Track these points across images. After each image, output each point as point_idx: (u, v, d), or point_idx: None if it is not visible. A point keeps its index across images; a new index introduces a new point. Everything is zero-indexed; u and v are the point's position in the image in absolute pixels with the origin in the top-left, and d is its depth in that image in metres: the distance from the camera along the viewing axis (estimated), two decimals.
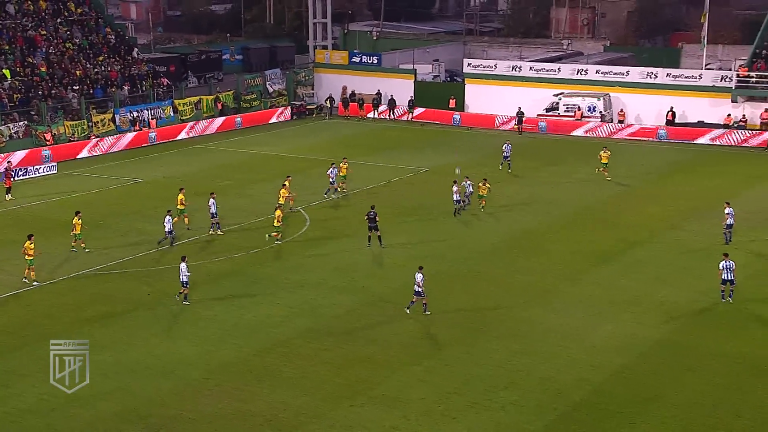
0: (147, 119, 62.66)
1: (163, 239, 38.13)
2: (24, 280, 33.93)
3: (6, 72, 58.95)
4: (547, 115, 65.72)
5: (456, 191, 42.43)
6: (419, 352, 28.09)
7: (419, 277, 30.48)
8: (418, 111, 70.28)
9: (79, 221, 37.26)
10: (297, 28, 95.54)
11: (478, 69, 71.18)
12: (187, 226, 40.13)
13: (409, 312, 30.82)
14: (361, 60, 75.28)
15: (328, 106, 72.19)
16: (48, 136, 56.45)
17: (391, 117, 70.96)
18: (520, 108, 64.93)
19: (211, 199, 40.05)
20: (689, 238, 39.84)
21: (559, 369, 26.82)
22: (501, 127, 66.43)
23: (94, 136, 58.29)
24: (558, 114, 65.51)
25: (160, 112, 63.94)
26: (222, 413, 24.31)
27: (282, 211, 39.17)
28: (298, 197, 44.43)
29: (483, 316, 30.81)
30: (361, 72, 74.05)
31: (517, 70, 69.80)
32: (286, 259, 37.28)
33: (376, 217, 37.63)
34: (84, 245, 37.56)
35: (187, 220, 40.20)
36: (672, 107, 63.25)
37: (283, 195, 41.47)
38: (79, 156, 56.45)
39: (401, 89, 71.51)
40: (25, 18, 64.60)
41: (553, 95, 66.49)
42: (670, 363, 27.31)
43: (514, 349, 28.23)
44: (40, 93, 59.09)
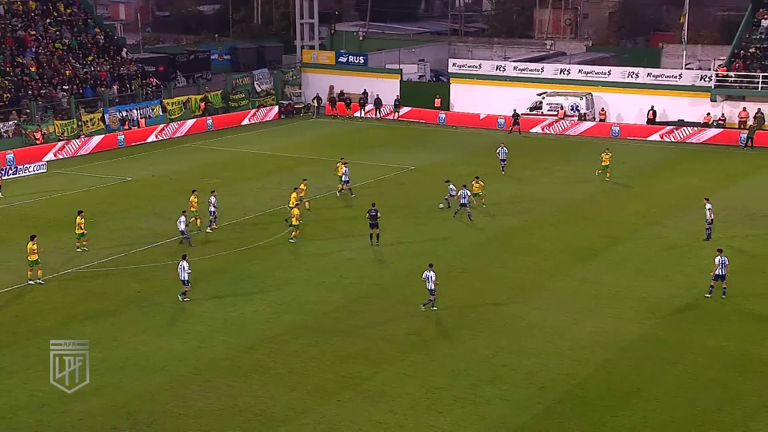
0: (136, 119, 62.83)
1: (185, 238, 38.25)
2: (30, 282, 33.77)
3: None
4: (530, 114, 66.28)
5: (461, 194, 41.70)
6: (406, 348, 28.43)
7: (432, 275, 30.73)
8: (404, 110, 70.70)
9: (82, 220, 37.35)
10: (284, 28, 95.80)
11: (463, 69, 71.62)
12: (198, 228, 40.30)
13: (424, 309, 31.14)
14: (347, 60, 75.63)
15: (316, 105, 72.52)
16: (38, 136, 56.63)
17: (378, 116, 71.33)
18: (516, 110, 65.36)
19: (212, 197, 40.48)
20: (671, 234, 40.37)
21: (543, 364, 27.22)
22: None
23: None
24: (542, 113, 66.04)
25: (149, 111, 64.13)
26: (211, 409, 24.58)
27: (299, 209, 39.13)
28: (284, 194, 44.57)
29: (469, 312, 31.20)
30: (347, 72, 74.39)
31: (501, 69, 70.32)
32: (273, 256, 37.57)
33: (378, 214, 37.93)
34: (86, 243, 37.62)
35: (200, 222, 40.40)
36: (653, 106, 63.90)
37: (294, 198, 41.11)
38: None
39: (387, 89, 71.90)
40: (14, 18, 64.69)
41: (537, 95, 67.04)
42: (653, 357, 27.74)
43: (499, 345, 28.63)
44: (30, 93, 59.20)
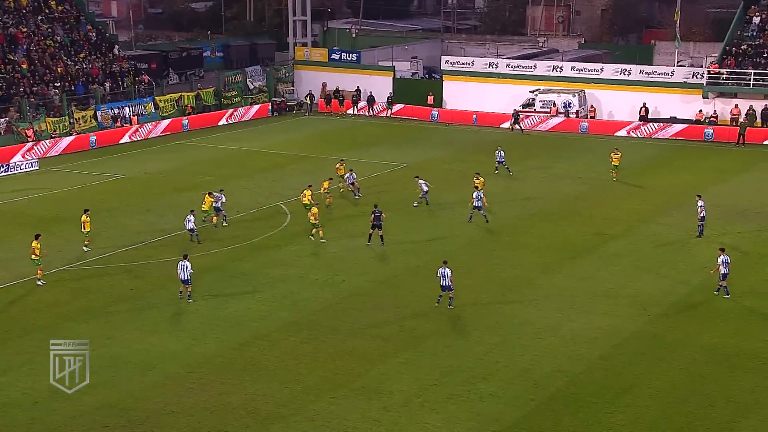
0: (128, 116, 62.69)
1: (194, 236, 38.34)
2: (38, 283, 33.63)
3: None
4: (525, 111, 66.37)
5: (479, 198, 40.92)
6: (399, 345, 28.46)
7: (448, 272, 30.71)
8: (397, 107, 70.69)
9: (88, 219, 37.09)
10: (277, 25, 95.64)
11: (455, 66, 71.64)
12: (215, 224, 40.38)
13: (438, 305, 31.12)
14: (340, 57, 75.56)
15: (308, 102, 72.45)
16: (30, 133, 56.48)
17: (371, 113, 71.31)
18: (516, 109, 65.37)
19: (218, 195, 40.87)
20: (663, 231, 40.46)
21: (536, 360, 27.28)
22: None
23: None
24: (534, 110, 66.13)
25: (142, 108, 63.99)
26: (204, 406, 24.57)
27: (318, 209, 39.05)
28: (277, 192, 44.74)
29: (462, 309, 31.20)
30: (340, 69, 74.31)
31: (493, 67, 70.43)
32: (266, 254, 37.56)
33: (382, 215, 37.91)
34: (89, 242, 37.33)
35: (216, 219, 40.51)
36: (645, 103, 63.99)
37: (309, 196, 40.96)
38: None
39: (380, 86, 71.89)
40: (5, 15, 64.36)
41: (530, 92, 67.10)
42: (646, 354, 27.83)
43: (492, 342, 28.68)
44: (22, 90, 59.01)
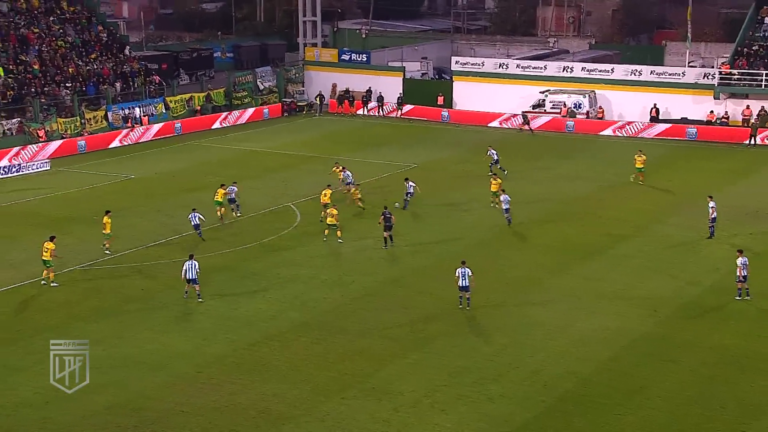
0: (139, 116, 62.89)
1: (199, 233, 38.68)
2: (42, 283, 33.62)
3: None
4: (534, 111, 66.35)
5: (502, 200, 40.92)
6: (409, 345, 28.46)
7: (468, 271, 30.71)
8: (407, 108, 70.70)
9: (109, 220, 37.05)
10: (287, 26, 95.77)
11: (465, 66, 71.58)
12: (221, 216, 40.95)
13: (462, 307, 31.10)
14: (350, 57, 75.59)
15: (318, 103, 72.54)
16: (41, 133, 56.79)
17: (381, 114, 71.34)
18: (523, 111, 65.41)
19: (233, 187, 41.73)
20: (674, 232, 40.35)
21: (546, 361, 27.25)
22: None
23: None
24: (545, 111, 66.05)
25: (152, 109, 64.20)
26: (214, 406, 24.63)
27: (337, 209, 39.10)
28: (288, 192, 44.82)
29: (472, 310, 31.15)
30: (350, 69, 74.33)
31: (504, 67, 70.33)
32: (276, 254, 37.61)
33: (392, 217, 37.97)
34: (109, 245, 37.26)
35: (224, 212, 41.09)
36: (656, 104, 63.79)
37: (327, 194, 40.81)
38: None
39: (390, 86, 71.87)
40: (17, 16, 64.72)
41: (540, 92, 67.01)
42: (656, 355, 27.77)
43: (502, 342, 28.66)
44: (33, 90, 59.27)
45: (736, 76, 62.87)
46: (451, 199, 45.47)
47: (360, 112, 71.89)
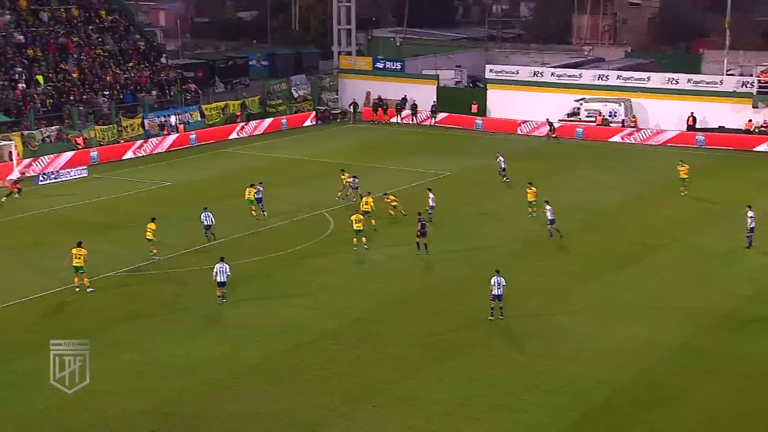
0: (175, 124, 63.43)
1: (211, 234, 39.38)
2: (77, 289, 33.75)
3: (39, 78, 59.99)
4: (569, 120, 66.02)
5: (547, 211, 40.32)
6: (440, 354, 28.35)
7: (503, 280, 30.50)
8: (441, 116, 70.64)
9: (154, 226, 37.25)
10: (322, 34, 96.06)
11: (500, 75, 71.41)
12: (256, 216, 42.79)
13: (493, 318, 30.83)
14: (384, 66, 75.79)
15: (352, 111, 72.72)
16: (80, 141, 57.52)
17: (414, 122, 71.32)
18: (548, 118, 65.26)
19: (259, 187, 43.26)
20: (711, 241, 39.88)
21: (579, 371, 27.02)
22: (532, 132, 66.61)
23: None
24: (580, 119, 65.66)
25: (188, 117, 64.72)
26: (245, 413, 24.67)
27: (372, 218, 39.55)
28: (321, 200, 44.85)
29: (505, 319, 30.99)
30: (384, 78, 74.51)
31: (538, 75, 70.08)
32: (309, 261, 37.68)
33: (426, 224, 37.97)
34: (156, 251, 37.52)
35: (254, 212, 42.71)
36: (692, 113, 63.15)
37: (369, 202, 41.04)
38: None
39: (424, 94, 71.88)
40: (57, 25, 65.65)
41: (575, 101, 66.67)
42: (692, 366, 27.44)
43: (535, 352, 28.47)
44: (72, 98, 60.05)
45: None
46: (485, 208, 45.29)
47: (393, 120, 71.96)
